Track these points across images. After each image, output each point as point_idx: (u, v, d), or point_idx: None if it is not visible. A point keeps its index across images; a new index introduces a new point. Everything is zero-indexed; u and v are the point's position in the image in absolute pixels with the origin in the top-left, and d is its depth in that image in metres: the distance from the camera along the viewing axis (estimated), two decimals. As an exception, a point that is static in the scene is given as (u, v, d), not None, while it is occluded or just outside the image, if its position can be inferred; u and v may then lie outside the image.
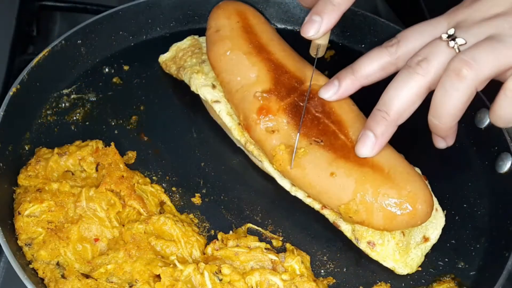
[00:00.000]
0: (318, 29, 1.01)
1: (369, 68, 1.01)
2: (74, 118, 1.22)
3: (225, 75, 1.14)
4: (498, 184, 1.14)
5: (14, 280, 0.96)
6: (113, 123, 1.23)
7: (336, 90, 1.04)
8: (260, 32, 1.17)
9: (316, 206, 1.08)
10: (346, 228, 1.06)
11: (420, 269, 1.04)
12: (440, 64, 0.92)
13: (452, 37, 0.93)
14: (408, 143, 1.12)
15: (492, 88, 0.93)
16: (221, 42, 1.16)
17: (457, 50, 0.92)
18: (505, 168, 1.14)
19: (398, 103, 0.94)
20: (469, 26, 0.94)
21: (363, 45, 1.42)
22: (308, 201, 1.09)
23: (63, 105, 1.24)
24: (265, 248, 1.02)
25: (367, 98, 1.02)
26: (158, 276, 0.96)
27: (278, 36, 1.21)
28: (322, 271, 1.04)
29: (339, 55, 1.39)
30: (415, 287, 1.03)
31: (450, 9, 0.99)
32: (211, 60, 1.17)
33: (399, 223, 0.97)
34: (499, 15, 0.93)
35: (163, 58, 1.31)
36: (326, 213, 1.08)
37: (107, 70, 1.31)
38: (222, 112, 1.16)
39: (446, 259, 1.07)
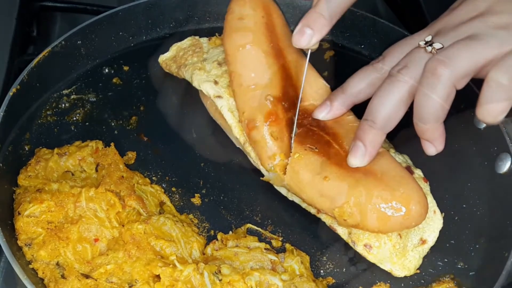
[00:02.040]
0: (309, 41, 1.02)
1: (358, 86, 1.05)
2: (74, 118, 1.22)
3: (239, 67, 1.12)
4: (497, 184, 1.14)
5: (14, 280, 0.97)
6: (113, 124, 1.23)
7: (328, 110, 1.08)
8: (281, 35, 1.16)
9: (312, 210, 1.09)
10: (342, 232, 1.06)
11: (418, 271, 1.04)
12: (419, 69, 0.94)
13: (429, 43, 0.96)
14: (408, 144, 1.12)
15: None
16: (242, 33, 1.14)
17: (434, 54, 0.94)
18: (504, 168, 1.14)
19: (384, 111, 0.96)
20: (446, 32, 0.96)
21: (363, 46, 1.42)
22: (304, 205, 1.10)
23: (63, 105, 1.24)
24: (265, 248, 1.02)
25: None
26: (158, 276, 0.96)
27: None
28: (322, 271, 1.04)
29: (339, 55, 1.39)
30: (415, 287, 1.03)
31: (431, 22, 1.02)
32: (228, 47, 1.15)
33: (393, 224, 0.97)
34: (475, 17, 0.95)
35: (163, 58, 1.31)
36: (322, 217, 1.08)
37: (107, 70, 1.31)
38: (224, 108, 1.15)
39: (446, 260, 1.07)
